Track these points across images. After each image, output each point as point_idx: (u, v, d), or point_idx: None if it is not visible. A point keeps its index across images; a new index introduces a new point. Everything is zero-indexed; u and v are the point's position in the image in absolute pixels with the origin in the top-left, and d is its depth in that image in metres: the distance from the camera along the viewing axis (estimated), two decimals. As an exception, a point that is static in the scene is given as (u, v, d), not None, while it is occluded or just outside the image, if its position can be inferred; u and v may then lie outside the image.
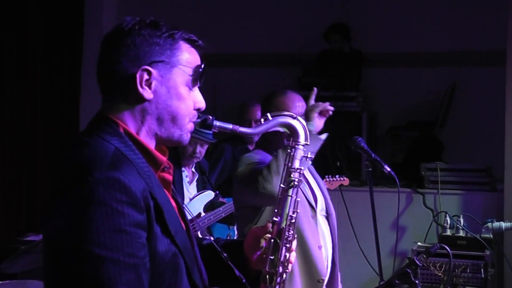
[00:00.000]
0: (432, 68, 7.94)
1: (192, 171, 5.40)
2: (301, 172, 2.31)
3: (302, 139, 2.32)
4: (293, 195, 2.29)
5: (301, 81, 7.56)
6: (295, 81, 7.59)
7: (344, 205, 6.15)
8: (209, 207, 5.38)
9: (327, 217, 4.05)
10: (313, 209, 3.87)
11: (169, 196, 2.13)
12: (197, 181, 5.44)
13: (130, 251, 1.88)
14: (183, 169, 5.34)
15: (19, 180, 6.89)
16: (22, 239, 5.58)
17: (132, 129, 2.08)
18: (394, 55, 8.01)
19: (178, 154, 5.30)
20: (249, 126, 2.40)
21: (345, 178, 5.59)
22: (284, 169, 2.33)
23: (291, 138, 2.33)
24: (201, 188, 5.50)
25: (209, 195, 5.40)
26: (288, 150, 2.33)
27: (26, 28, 6.93)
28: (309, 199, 3.88)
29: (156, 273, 1.97)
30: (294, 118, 2.32)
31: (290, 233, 2.27)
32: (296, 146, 2.32)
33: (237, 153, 6.32)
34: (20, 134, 6.92)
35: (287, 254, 2.26)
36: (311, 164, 4.15)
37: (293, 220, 2.28)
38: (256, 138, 6.40)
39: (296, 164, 2.31)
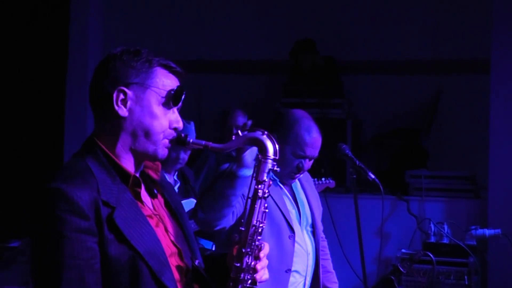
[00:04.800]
0: (417, 76, 7.96)
1: (174, 179, 5.38)
2: (267, 184, 2.43)
3: (271, 153, 2.45)
4: (256, 206, 2.41)
5: (286, 88, 7.57)
6: (280, 88, 7.60)
7: (328, 211, 6.16)
8: (191, 215, 5.33)
9: (313, 231, 4.03)
10: (291, 229, 3.75)
11: (142, 206, 2.35)
12: (178, 188, 5.40)
13: (71, 253, 2.14)
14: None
15: (3, 187, 6.88)
16: (5, 245, 5.55)
17: (108, 145, 2.35)
18: (379, 62, 8.03)
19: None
20: (231, 132, 2.50)
21: (331, 181, 5.59)
22: (251, 181, 2.45)
23: (260, 153, 2.46)
24: (183, 196, 5.46)
25: (191, 202, 5.35)
26: (256, 163, 2.46)
27: (11, 50, 7.00)
28: (287, 219, 3.77)
29: (112, 273, 2.21)
30: (263, 134, 2.47)
31: (254, 242, 2.39)
32: (263, 160, 2.44)
33: (221, 160, 6.31)
34: (3, 140, 6.91)
35: (252, 262, 2.39)
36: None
37: (259, 230, 2.40)
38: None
39: (263, 177, 2.43)
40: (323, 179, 5.65)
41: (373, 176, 4.44)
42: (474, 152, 7.17)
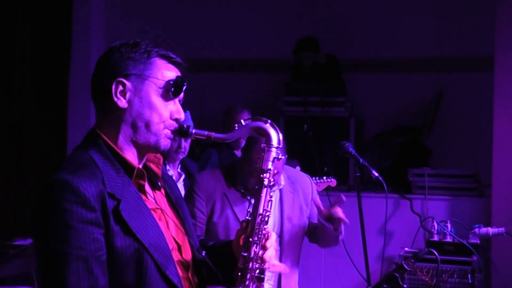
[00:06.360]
0: (420, 73, 7.94)
1: (178, 171, 5.37)
2: (272, 173, 2.42)
3: (274, 142, 2.44)
4: (262, 195, 2.41)
5: (289, 86, 7.56)
6: (282, 86, 7.59)
7: (331, 210, 6.14)
8: None
9: (280, 240, 4.07)
10: None
11: (145, 199, 2.37)
12: (184, 180, 5.40)
13: (79, 245, 2.15)
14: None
15: (7, 184, 6.88)
16: (10, 243, 5.55)
17: (110, 137, 2.36)
18: (382, 60, 8.02)
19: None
20: (235, 131, 2.49)
21: (332, 180, 5.58)
22: (255, 171, 2.44)
23: (264, 141, 2.45)
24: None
25: None
26: (261, 152, 2.44)
27: (14, 43, 6.99)
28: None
29: (118, 266, 2.23)
30: (266, 123, 2.46)
31: (261, 231, 2.39)
32: (268, 148, 2.43)
33: (224, 158, 6.30)
34: (7, 139, 6.91)
35: (260, 251, 2.38)
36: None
37: (266, 219, 2.40)
38: (243, 143, 6.41)
39: (268, 166, 2.42)
40: (324, 177, 5.65)
41: (376, 174, 4.43)
42: (477, 150, 7.16)
